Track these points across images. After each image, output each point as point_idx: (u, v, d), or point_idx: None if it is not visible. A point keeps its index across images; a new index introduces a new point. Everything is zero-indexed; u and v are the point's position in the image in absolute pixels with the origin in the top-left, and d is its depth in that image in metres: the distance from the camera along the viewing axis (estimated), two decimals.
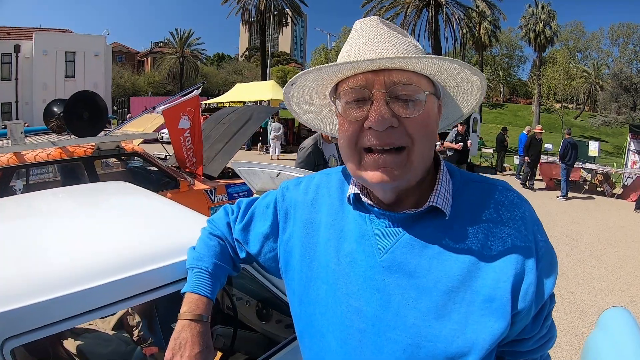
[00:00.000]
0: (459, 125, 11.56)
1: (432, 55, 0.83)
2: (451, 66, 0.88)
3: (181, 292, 1.16)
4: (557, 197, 12.43)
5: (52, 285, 1.18)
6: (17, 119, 28.32)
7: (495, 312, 0.85)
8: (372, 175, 0.87)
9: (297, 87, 1.00)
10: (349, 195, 1.01)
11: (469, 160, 14.56)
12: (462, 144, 11.59)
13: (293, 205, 1.14)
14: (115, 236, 1.60)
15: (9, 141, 4.63)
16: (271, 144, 19.80)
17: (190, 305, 1.10)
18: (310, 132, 23.17)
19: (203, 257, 1.19)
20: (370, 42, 0.88)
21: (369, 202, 0.98)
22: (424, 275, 0.89)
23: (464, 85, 0.97)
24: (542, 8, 42.43)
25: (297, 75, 0.95)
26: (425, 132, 0.87)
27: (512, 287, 0.85)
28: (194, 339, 1.06)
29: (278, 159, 19.02)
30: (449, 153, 11.60)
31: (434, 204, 0.90)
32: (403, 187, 0.92)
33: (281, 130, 19.93)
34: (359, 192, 0.99)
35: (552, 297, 0.93)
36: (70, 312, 1.18)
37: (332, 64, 0.86)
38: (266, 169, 3.59)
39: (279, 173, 3.44)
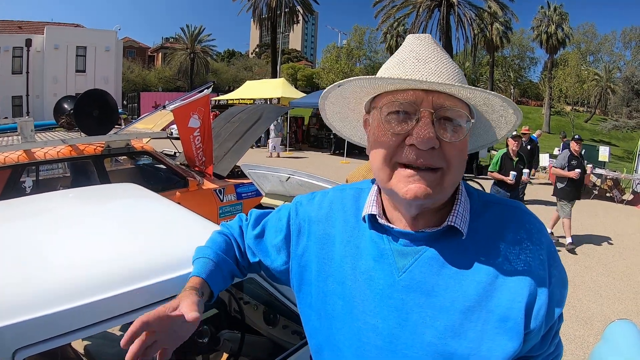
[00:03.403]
0: (573, 143, 7.95)
1: (488, 91, 0.85)
2: (500, 103, 0.90)
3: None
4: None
5: (62, 297, 1.19)
6: (27, 112, 28.60)
7: (509, 331, 0.86)
8: (405, 190, 0.87)
9: (342, 89, 0.99)
10: (365, 216, 1.01)
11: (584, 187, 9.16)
12: (579, 170, 7.60)
13: (307, 220, 1.14)
14: (124, 246, 1.60)
15: (19, 138, 4.66)
16: (270, 144, 20.08)
17: (189, 283, 1.10)
18: (319, 130, 23.26)
19: (207, 250, 1.21)
20: (423, 61, 0.89)
21: (387, 223, 0.98)
22: (442, 294, 0.90)
23: (499, 121, 0.98)
24: (555, 10, 42.14)
25: (349, 79, 0.93)
26: (461, 158, 0.89)
27: (525, 307, 0.87)
28: (188, 294, 1.04)
29: (279, 156, 19.55)
30: (559, 186, 7.80)
31: (452, 224, 0.91)
32: (429, 206, 0.92)
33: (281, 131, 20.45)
34: (375, 213, 0.99)
35: (560, 315, 0.94)
36: (81, 324, 1.19)
37: (394, 78, 0.86)
38: (276, 173, 3.58)
39: (289, 177, 3.43)
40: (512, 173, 7.00)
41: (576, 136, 8.36)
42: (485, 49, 45.15)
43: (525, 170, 7.69)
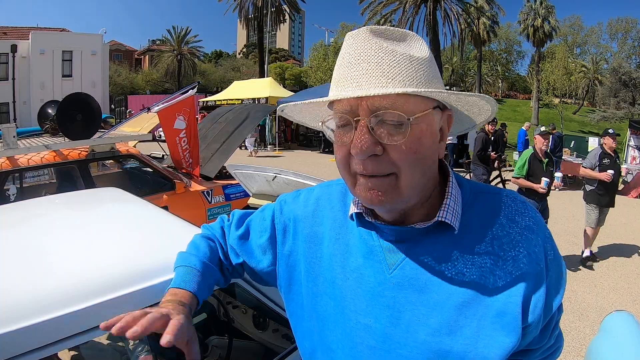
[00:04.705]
0: (608, 139, 6.48)
1: (420, 90, 0.78)
2: (440, 95, 0.83)
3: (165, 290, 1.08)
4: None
5: (42, 307, 1.14)
6: (14, 119, 28.39)
7: (506, 326, 0.83)
8: (364, 198, 0.85)
9: (294, 108, 0.98)
10: (352, 214, 0.98)
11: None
12: (612, 172, 6.26)
13: (292, 219, 1.10)
14: (103, 254, 1.55)
15: (2, 145, 4.57)
16: (246, 143, 20.39)
17: (174, 296, 1.03)
18: (308, 130, 23.27)
19: (191, 257, 1.14)
20: (355, 63, 0.82)
21: (374, 220, 0.94)
22: (435, 290, 0.87)
23: (467, 100, 0.91)
24: (541, 3, 42.43)
25: (281, 106, 0.95)
26: (413, 158, 0.81)
27: (522, 301, 0.84)
28: (180, 309, 0.98)
29: (253, 155, 19.91)
30: (588, 188, 6.60)
31: (443, 219, 0.87)
32: (401, 208, 0.88)
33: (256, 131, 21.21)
34: (361, 211, 0.95)
35: (559, 307, 0.91)
36: (60, 335, 1.14)
37: (308, 101, 0.89)
38: (262, 172, 3.55)
39: (275, 176, 3.41)
40: (545, 180, 5.78)
41: (610, 130, 6.66)
42: (473, 44, 45.56)
43: (558, 174, 6.63)
